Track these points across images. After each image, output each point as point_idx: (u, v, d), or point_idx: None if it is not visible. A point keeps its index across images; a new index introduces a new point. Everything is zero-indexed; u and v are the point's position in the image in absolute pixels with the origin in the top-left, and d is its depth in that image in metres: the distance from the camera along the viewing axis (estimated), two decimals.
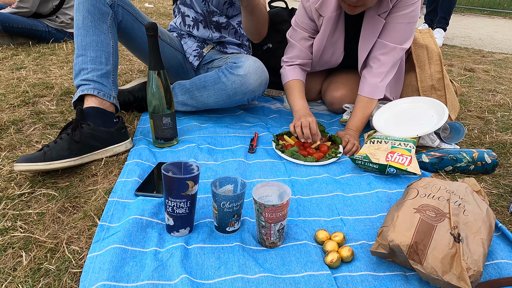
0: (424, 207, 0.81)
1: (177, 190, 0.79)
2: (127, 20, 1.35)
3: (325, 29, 1.37)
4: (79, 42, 1.21)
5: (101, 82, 1.20)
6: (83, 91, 1.17)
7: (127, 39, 1.43)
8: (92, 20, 1.21)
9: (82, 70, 1.20)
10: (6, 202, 0.94)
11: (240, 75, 1.30)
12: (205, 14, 1.53)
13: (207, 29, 1.57)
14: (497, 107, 1.78)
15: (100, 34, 1.22)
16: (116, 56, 1.27)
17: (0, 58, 2.29)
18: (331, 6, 1.33)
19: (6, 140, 1.25)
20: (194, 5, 1.52)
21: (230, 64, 1.34)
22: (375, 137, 1.21)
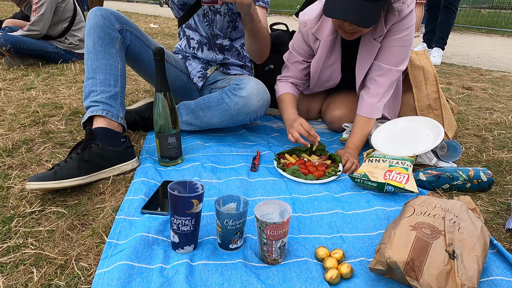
0: (420, 225, 0.84)
1: (182, 208, 0.82)
2: (134, 44, 1.42)
3: (322, 52, 1.43)
4: (89, 66, 1.27)
5: (109, 103, 1.25)
6: (92, 112, 1.23)
7: (134, 61, 1.49)
8: (102, 45, 1.28)
9: (91, 92, 1.26)
10: (17, 219, 0.98)
11: (242, 97, 1.36)
12: (209, 37, 1.60)
13: (211, 51, 1.64)
14: (494, 125, 1.82)
15: (109, 58, 1.29)
16: (124, 78, 1.33)
17: (11, 79, 2.37)
18: (328, 30, 1.39)
19: (17, 159, 1.30)
20: (199, 29, 1.59)
21: (233, 86, 1.39)
22: (373, 156, 1.25)
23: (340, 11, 1.16)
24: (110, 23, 1.30)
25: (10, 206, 1.04)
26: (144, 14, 8.36)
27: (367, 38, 1.35)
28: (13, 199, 1.07)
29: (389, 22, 1.30)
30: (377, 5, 1.15)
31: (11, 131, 1.53)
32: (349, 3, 1.14)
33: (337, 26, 1.29)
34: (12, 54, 2.63)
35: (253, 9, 1.22)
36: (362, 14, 1.14)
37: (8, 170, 1.23)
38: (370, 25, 1.16)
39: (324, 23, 1.41)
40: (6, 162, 1.27)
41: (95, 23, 1.28)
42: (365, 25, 1.16)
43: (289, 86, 1.54)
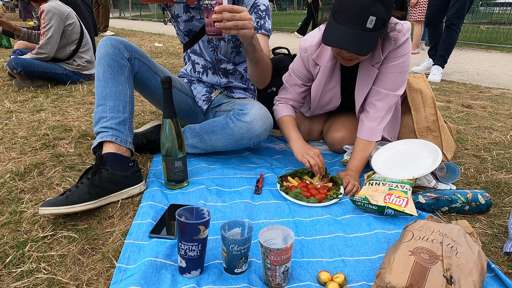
0: (419, 250, 0.87)
1: (189, 234, 0.86)
2: (142, 71, 1.48)
3: (322, 77, 1.49)
4: (99, 93, 1.33)
5: (118, 129, 1.31)
6: (102, 138, 1.28)
7: (142, 87, 1.55)
8: (111, 73, 1.34)
9: (101, 118, 1.31)
10: (31, 244, 1.02)
11: (246, 122, 1.41)
12: (213, 61, 1.67)
13: (216, 75, 1.70)
14: (493, 145, 1.86)
15: (118, 85, 1.34)
16: (132, 104, 1.38)
17: (21, 101, 2.45)
18: (327, 56, 1.45)
19: (29, 183, 1.34)
20: (204, 54, 1.66)
21: (237, 111, 1.45)
22: (373, 179, 1.28)
23: (338, 40, 1.21)
24: (119, 51, 1.36)
25: (23, 231, 1.08)
26: (149, 33, 8.55)
27: (365, 64, 1.41)
28: (26, 223, 1.11)
29: (386, 49, 1.36)
30: (374, 34, 1.20)
31: (22, 155, 1.58)
32: (347, 33, 1.20)
33: (336, 53, 1.35)
34: (23, 76, 2.72)
35: (255, 40, 1.28)
36: (359, 43, 1.20)
37: (21, 194, 1.27)
38: (367, 53, 1.22)
39: (324, 49, 1.47)
40: (18, 186, 1.32)
41: (106, 52, 1.35)
42: (362, 54, 1.21)
43: (289, 108, 1.60)
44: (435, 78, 3.63)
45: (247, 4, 1.58)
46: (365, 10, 1.16)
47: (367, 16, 1.16)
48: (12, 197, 1.25)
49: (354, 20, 1.17)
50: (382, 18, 1.18)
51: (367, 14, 1.16)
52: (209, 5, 1.14)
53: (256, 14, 1.57)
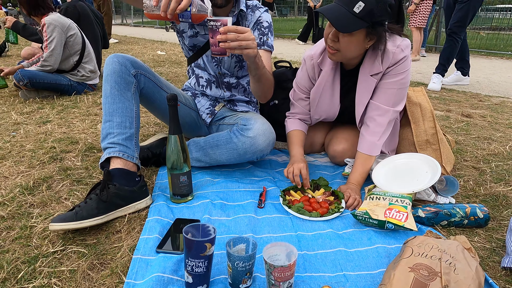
0: (418, 266, 0.89)
1: (196, 251, 0.89)
2: (148, 86, 1.52)
3: (322, 80, 1.55)
4: (106, 109, 1.37)
5: (125, 144, 1.34)
6: (109, 154, 1.31)
7: (148, 102, 1.59)
8: (118, 89, 1.38)
9: (109, 134, 1.35)
10: (42, 259, 1.05)
11: (250, 137, 1.44)
12: (217, 75, 1.71)
13: (219, 88, 1.74)
14: (492, 156, 1.89)
15: (125, 101, 1.38)
16: (138, 120, 1.42)
17: (27, 112, 2.49)
18: (329, 61, 1.52)
19: (38, 197, 1.38)
20: (208, 68, 1.70)
21: (241, 126, 1.48)
22: (374, 193, 1.31)
23: (325, 10, 1.30)
24: (126, 68, 1.40)
25: (34, 246, 1.11)
26: (151, 40, 8.64)
27: (364, 73, 1.45)
28: (36, 238, 1.14)
29: (385, 62, 1.40)
30: (358, 20, 1.26)
31: (31, 168, 1.62)
32: (335, 8, 1.28)
33: (325, 37, 1.40)
34: (29, 88, 2.77)
35: (258, 58, 1.32)
36: (341, 19, 1.26)
37: (30, 209, 1.31)
38: (344, 30, 1.27)
39: (326, 56, 1.52)
40: (28, 200, 1.35)
41: (113, 69, 1.39)
42: (339, 28, 1.26)
43: (297, 123, 1.65)
44: (435, 86, 3.66)
45: (251, 21, 1.63)
46: None
47: (357, 1, 1.23)
48: (22, 211, 1.29)
49: (345, 0, 1.26)
50: (371, 8, 1.24)
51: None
52: (214, 26, 1.18)
53: (259, 31, 1.63)
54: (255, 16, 1.64)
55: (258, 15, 1.65)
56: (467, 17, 3.41)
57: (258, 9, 1.66)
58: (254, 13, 1.65)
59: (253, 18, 1.64)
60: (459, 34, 3.48)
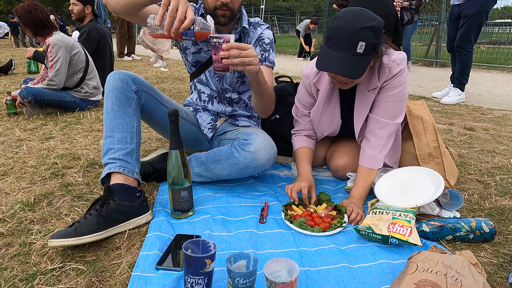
0: (423, 283, 0.87)
1: (196, 267, 0.88)
2: (149, 102, 1.53)
3: (321, 100, 1.55)
4: (107, 125, 1.38)
5: (126, 160, 1.34)
6: (110, 169, 1.31)
7: (149, 118, 1.60)
8: (119, 105, 1.39)
9: (109, 149, 1.35)
10: (40, 277, 1.03)
11: (251, 152, 1.44)
12: (219, 91, 1.72)
13: (221, 104, 1.75)
14: (496, 170, 1.87)
15: (126, 117, 1.39)
16: (139, 135, 1.42)
17: (31, 128, 2.51)
18: (326, 80, 1.52)
19: (38, 213, 1.37)
20: (210, 83, 1.72)
21: (242, 141, 1.48)
22: (377, 207, 1.30)
23: (329, 64, 1.28)
24: (127, 85, 1.42)
25: (32, 263, 1.10)
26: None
27: (362, 89, 1.46)
28: (35, 255, 1.13)
29: (381, 77, 1.41)
30: (364, 58, 1.26)
31: (32, 184, 1.62)
32: (337, 57, 1.26)
33: (331, 77, 1.42)
34: (33, 104, 2.80)
35: (260, 74, 1.33)
36: (350, 67, 1.25)
37: (30, 225, 1.30)
38: (358, 77, 1.26)
39: (323, 74, 1.53)
40: (28, 217, 1.34)
41: (114, 86, 1.40)
42: (353, 77, 1.26)
43: (303, 140, 1.65)
44: (449, 100, 3.69)
45: (253, 37, 1.66)
46: (354, 37, 1.22)
47: (357, 42, 1.22)
48: (22, 228, 1.28)
49: (345, 45, 1.24)
50: (372, 42, 1.24)
51: (357, 40, 1.22)
52: (217, 43, 1.20)
53: (261, 47, 1.66)
54: (257, 32, 1.67)
55: (260, 32, 1.67)
56: (470, 31, 3.47)
57: (260, 26, 1.68)
58: (256, 30, 1.67)
59: (254, 35, 1.67)
60: (465, 47, 3.55)
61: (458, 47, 3.57)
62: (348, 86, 1.40)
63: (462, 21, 3.49)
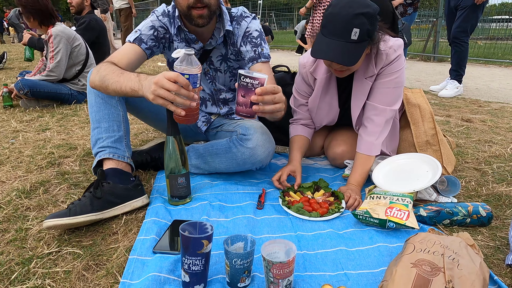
0: (420, 262, 0.87)
1: (193, 248, 0.87)
2: None
3: (318, 88, 1.54)
4: (93, 117, 1.36)
5: (115, 146, 1.34)
6: (100, 157, 1.31)
7: (136, 111, 1.59)
8: (102, 97, 1.36)
9: (98, 140, 1.35)
10: (36, 261, 1.03)
11: (249, 148, 1.41)
12: (212, 92, 1.67)
13: (215, 106, 1.71)
14: (493, 158, 1.87)
15: (110, 108, 1.37)
16: (126, 123, 1.41)
17: (27, 120, 2.49)
18: (323, 69, 1.51)
19: (35, 200, 1.36)
20: (202, 86, 1.65)
21: (240, 136, 1.45)
22: (374, 193, 1.30)
23: (324, 52, 1.27)
24: None
25: (28, 248, 1.09)
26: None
27: (359, 77, 1.45)
28: (31, 240, 1.12)
29: (378, 64, 1.41)
30: (359, 45, 1.26)
31: (28, 173, 1.61)
32: (332, 44, 1.25)
33: (327, 65, 1.41)
34: (29, 97, 2.78)
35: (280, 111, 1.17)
36: (345, 54, 1.25)
37: (26, 212, 1.29)
38: (352, 64, 1.26)
39: (319, 63, 1.53)
40: (24, 204, 1.34)
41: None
42: (348, 64, 1.26)
43: (299, 128, 1.64)
44: (446, 93, 3.69)
45: (238, 35, 1.50)
46: (348, 23, 1.22)
47: (351, 28, 1.22)
48: (18, 214, 1.27)
49: (339, 32, 1.23)
50: (367, 29, 1.23)
51: (351, 27, 1.22)
52: (250, 84, 1.03)
53: (251, 44, 1.47)
54: (242, 28, 1.48)
55: (245, 27, 1.48)
56: (467, 23, 3.47)
57: (244, 19, 1.49)
58: (240, 25, 1.48)
59: (240, 32, 1.49)
60: (462, 39, 3.54)
61: (454, 38, 3.57)
62: (345, 74, 1.40)
63: (459, 13, 3.49)
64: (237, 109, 1.09)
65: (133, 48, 1.40)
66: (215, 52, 1.55)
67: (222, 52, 1.55)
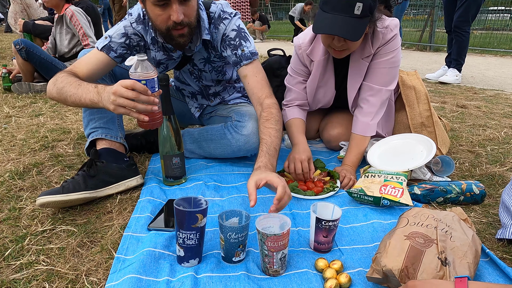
0: (414, 234, 0.88)
1: (187, 222, 0.87)
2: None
3: (316, 72, 1.52)
4: None
5: (107, 127, 1.33)
6: (92, 137, 1.30)
7: None
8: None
9: (90, 121, 1.33)
10: (30, 238, 1.02)
11: (244, 135, 1.40)
12: (201, 88, 1.63)
13: (205, 99, 1.68)
14: (487, 141, 1.88)
15: None
16: None
17: (20, 106, 2.47)
18: (320, 51, 1.49)
19: (28, 181, 1.35)
20: (189, 83, 1.62)
21: (235, 122, 1.43)
22: (369, 172, 1.30)
23: (328, 27, 1.25)
24: None
25: (22, 226, 1.08)
26: None
27: (356, 57, 1.44)
28: (25, 219, 1.12)
29: (375, 44, 1.40)
30: (362, 21, 1.24)
31: (21, 155, 1.59)
32: (336, 19, 1.24)
33: (326, 46, 1.39)
34: (23, 57, 2.70)
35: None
36: (349, 29, 1.23)
37: (20, 192, 1.28)
38: (356, 38, 1.25)
39: (316, 45, 1.50)
40: (17, 185, 1.33)
41: None
42: (352, 38, 1.24)
43: (296, 111, 1.58)
44: (447, 78, 3.71)
45: (217, 40, 1.40)
46: None
47: (355, 3, 1.20)
48: (11, 195, 1.26)
49: (342, 7, 1.22)
50: (369, 4, 1.22)
51: (354, 1, 1.20)
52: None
53: (230, 47, 1.37)
54: (220, 32, 1.37)
55: (223, 30, 1.36)
56: (468, 12, 3.46)
57: (222, 21, 1.36)
58: (218, 29, 1.37)
59: (218, 36, 1.39)
60: (463, 28, 3.54)
61: (456, 27, 3.56)
62: (344, 55, 1.38)
63: (460, 2, 3.48)
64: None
65: (99, 56, 1.30)
66: (197, 55, 1.48)
67: (204, 56, 1.48)
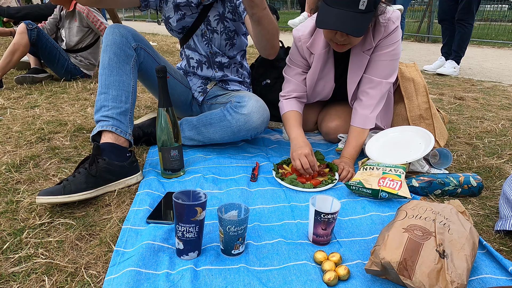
0: (412, 227, 0.88)
1: (187, 215, 0.87)
2: (147, 61, 1.48)
3: (316, 65, 1.51)
4: (103, 81, 1.32)
5: (119, 119, 1.30)
6: (102, 127, 1.27)
7: (145, 77, 1.55)
8: (117, 62, 1.32)
9: (103, 107, 1.30)
10: (28, 231, 1.02)
11: (244, 114, 1.41)
12: (208, 55, 1.66)
13: (211, 69, 1.70)
14: (485, 134, 1.89)
15: (122, 75, 1.33)
16: (134, 95, 1.37)
17: (15, 97, 2.44)
18: (321, 44, 1.47)
19: (25, 174, 1.34)
20: (198, 48, 1.66)
21: (235, 103, 1.44)
22: (367, 164, 1.30)
23: (332, 22, 1.23)
24: (127, 41, 1.35)
25: (20, 219, 1.08)
26: (143, 32, 8.52)
27: (356, 50, 1.43)
28: (23, 212, 1.11)
29: (376, 36, 1.38)
30: (366, 16, 1.23)
31: (18, 148, 1.58)
32: (340, 14, 1.22)
33: (328, 39, 1.37)
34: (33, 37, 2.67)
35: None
36: (353, 24, 1.22)
37: (17, 185, 1.27)
38: (361, 35, 1.23)
39: (317, 37, 1.48)
40: (14, 178, 1.32)
41: (113, 40, 1.33)
42: (357, 34, 1.22)
43: (293, 103, 1.56)
44: (444, 70, 3.71)
45: None
46: None
47: None
48: (8, 187, 1.25)
49: (347, 2, 1.20)
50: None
51: None
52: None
53: (231, 2, 1.50)
54: None
55: None
56: (472, 3, 3.45)
57: None
58: None
59: None
60: (466, 20, 3.53)
61: (460, 19, 3.55)
62: (345, 49, 1.37)
63: None
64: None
65: None
66: (213, 11, 1.54)
67: (219, 11, 1.54)
